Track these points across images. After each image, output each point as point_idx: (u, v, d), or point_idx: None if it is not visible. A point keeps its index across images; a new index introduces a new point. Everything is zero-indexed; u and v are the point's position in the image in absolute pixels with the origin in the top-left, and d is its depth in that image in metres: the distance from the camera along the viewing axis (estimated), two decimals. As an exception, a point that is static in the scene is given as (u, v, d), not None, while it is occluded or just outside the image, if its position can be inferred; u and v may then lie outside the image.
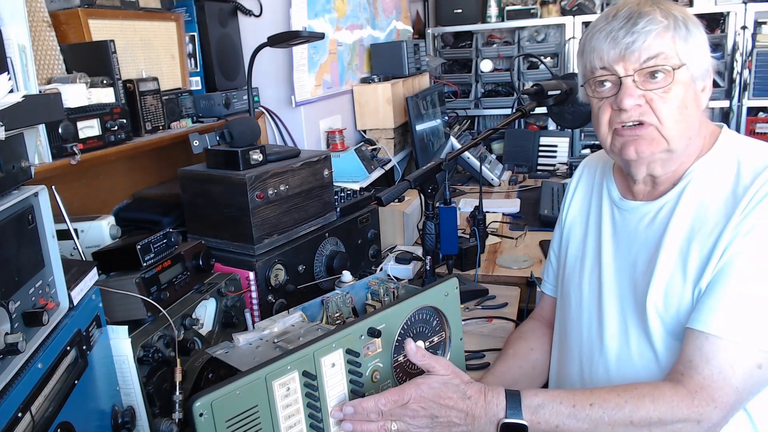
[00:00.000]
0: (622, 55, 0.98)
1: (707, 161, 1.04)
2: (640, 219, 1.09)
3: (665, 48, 0.96)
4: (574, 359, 1.14)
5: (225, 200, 1.39)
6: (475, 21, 3.74)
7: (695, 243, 0.99)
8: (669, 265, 1.01)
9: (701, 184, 1.03)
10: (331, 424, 0.91)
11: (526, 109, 1.65)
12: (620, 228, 1.12)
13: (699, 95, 1.01)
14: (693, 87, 1.00)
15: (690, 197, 1.03)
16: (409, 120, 2.57)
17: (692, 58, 0.98)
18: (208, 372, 1.08)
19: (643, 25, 0.96)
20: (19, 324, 0.72)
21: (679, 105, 0.98)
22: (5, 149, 0.75)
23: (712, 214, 0.99)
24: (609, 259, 1.12)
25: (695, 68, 0.99)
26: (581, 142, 3.64)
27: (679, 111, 0.98)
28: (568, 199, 1.28)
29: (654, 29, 0.96)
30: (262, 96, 2.04)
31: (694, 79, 0.99)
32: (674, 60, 0.97)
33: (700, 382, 0.91)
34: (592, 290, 1.14)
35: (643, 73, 0.98)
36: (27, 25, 1.05)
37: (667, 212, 1.05)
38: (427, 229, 1.57)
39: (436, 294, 1.04)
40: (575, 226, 1.24)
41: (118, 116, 1.32)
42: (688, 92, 0.99)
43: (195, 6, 1.80)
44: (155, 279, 1.08)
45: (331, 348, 0.90)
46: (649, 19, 0.96)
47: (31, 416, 0.69)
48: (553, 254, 1.31)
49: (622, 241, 1.11)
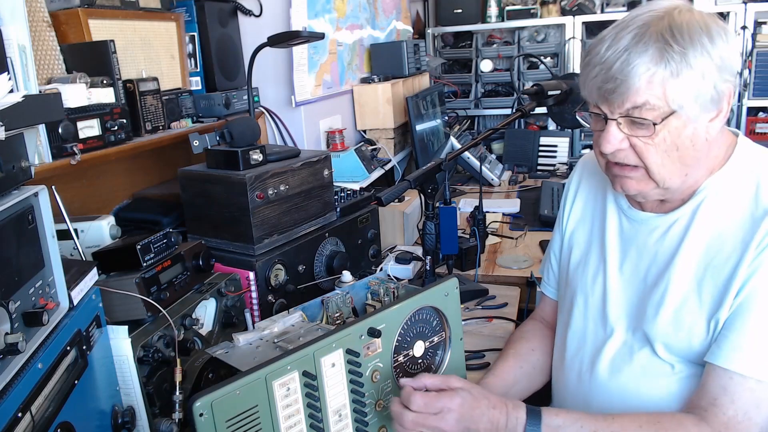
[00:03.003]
0: (605, 99, 0.92)
1: (723, 176, 0.98)
2: (650, 231, 1.05)
3: (652, 96, 0.88)
4: (574, 365, 1.13)
5: (225, 200, 1.39)
6: (475, 21, 3.74)
7: (711, 268, 0.95)
8: (682, 287, 0.98)
9: (717, 201, 0.98)
10: (331, 424, 0.91)
11: (526, 109, 1.65)
12: (628, 237, 1.09)
13: (700, 131, 0.92)
14: (691, 126, 0.91)
15: (705, 215, 0.98)
16: (409, 120, 2.57)
17: (690, 99, 0.89)
18: (208, 372, 1.08)
19: (629, 70, 0.88)
20: (19, 324, 0.72)
21: (667, 149, 0.92)
22: (5, 149, 0.75)
23: (729, 238, 0.95)
24: (615, 268, 1.09)
25: (694, 108, 0.89)
26: (581, 142, 3.64)
27: (668, 155, 0.92)
28: (569, 202, 1.23)
29: (642, 75, 0.87)
30: (262, 96, 2.04)
31: (692, 118, 0.90)
32: (662, 108, 0.89)
33: (724, 422, 0.89)
34: (597, 298, 1.11)
35: (627, 119, 0.92)
36: (27, 25, 1.05)
37: (680, 229, 1.01)
38: (427, 229, 1.57)
39: (436, 294, 1.04)
40: (578, 230, 1.20)
41: (118, 116, 1.32)
42: (682, 134, 0.91)
43: (195, 6, 1.80)
44: (155, 279, 1.08)
45: (331, 348, 0.90)
46: (639, 62, 0.87)
47: (31, 416, 0.69)
48: (553, 257, 1.28)
49: (630, 252, 1.08)
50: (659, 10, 0.91)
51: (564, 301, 1.21)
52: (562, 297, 1.22)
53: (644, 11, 0.92)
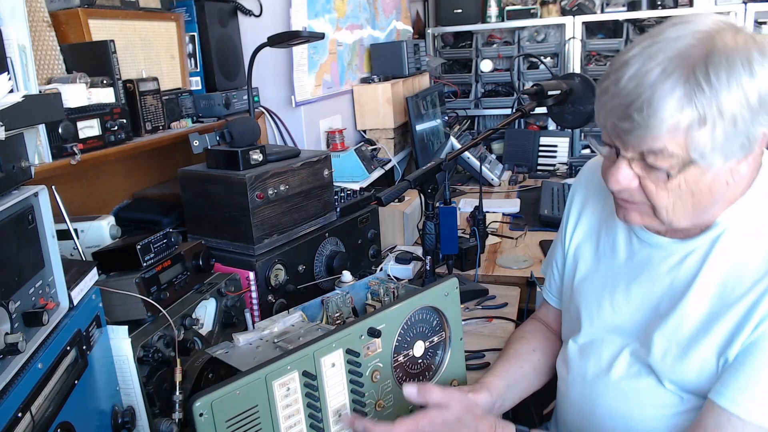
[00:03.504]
0: (618, 137, 0.84)
1: (745, 207, 0.90)
2: (664, 258, 0.98)
3: (671, 144, 0.79)
4: (577, 383, 1.09)
5: (225, 200, 1.39)
6: (475, 21, 3.74)
7: (727, 303, 0.89)
8: (695, 321, 0.92)
9: (739, 233, 0.90)
10: (331, 424, 0.91)
11: (526, 109, 1.65)
12: (640, 260, 1.02)
13: (724, 175, 0.83)
14: (711, 173, 0.82)
15: (724, 250, 0.91)
16: (409, 120, 2.57)
17: (715, 149, 0.79)
18: (208, 372, 1.08)
19: (651, 113, 0.78)
20: (19, 324, 0.72)
21: (681, 195, 0.84)
22: (5, 149, 0.75)
23: (749, 274, 0.88)
24: (623, 290, 1.03)
25: (717, 159, 0.80)
26: (581, 142, 3.64)
27: (680, 200, 0.85)
28: (575, 213, 1.16)
29: (662, 122, 0.77)
30: (262, 96, 2.04)
31: (714, 166, 0.81)
32: (681, 156, 0.80)
33: None
34: (604, 319, 1.06)
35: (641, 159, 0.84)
36: (27, 25, 1.05)
37: (697, 259, 0.93)
38: (427, 229, 1.57)
39: (436, 294, 1.04)
40: (585, 244, 1.13)
41: (118, 116, 1.32)
42: (700, 182, 0.83)
43: (195, 6, 1.80)
44: (155, 279, 1.08)
45: (331, 348, 0.90)
46: (661, 107, 0.77)
47: (31, 416, 0.69)
48: (555, 267, 1.23)
49: (641, 277, 1.01)
50: (699, 33, 0.80)
51: (569, 313, 1.17)
52: (567, 309, 1.18)
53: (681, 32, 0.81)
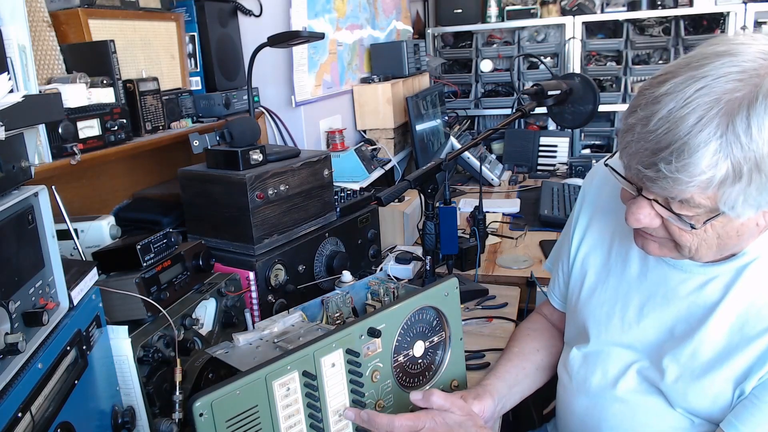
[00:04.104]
0: (641, 180, 0.79)
1: None
2: (683, 280, 0.94)
3: (699, 196, 0.74)
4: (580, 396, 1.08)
5: (225, 200, 1.39)
6: (475, 21, 3.74)
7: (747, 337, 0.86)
8: (713, 350, 0.89)
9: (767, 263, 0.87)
10: (331, 424, 0.91)
11: (526, 109, 1.65)
12: (655, 278, 0.98)
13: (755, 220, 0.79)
14: (740, 221, 0.78)
15: (752, 278, 0.87)
16: (409, 120, 2.57)
17: (747, 205, 0.74)
18: (208, 372, 1.08)
19: (680, 166, 0.71)
20: (19, 324, 0.72)
21: (707, 238, 0.81)
22: (5, 149, 0.75)
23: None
24: (636, 308, 1.00)
25: (748, 212, 0.75)
26: (581, 142, 3.64)
27: (705, 242, 0.82)
28: (583, 219, 1.13)
29: (692, 177, 0.71)
30: (262, 96, 2.04)
31: (742, 216, 0.76)
32: (709, 207, 0.75)
33: None
34: (613, 334, 1.03)
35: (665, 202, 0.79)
36: (27, 25, 1.05)
37: (721, 286, 0.90)
38: (427, 229, 1.57)
39: (436, 294, 1.04)
40: (593, 254, 1.10)
41: (118, 116, 1.32)
42: (727, 227, 0.79)
43: (195, 6, 1.80)
44: (155, 279, 1.08)
45: (331, 348, 0.90)
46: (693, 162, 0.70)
47: (31, 416, 0.69)
48: (561, 271, 1.20)
49: (656, 296, 0.97)
50: (744, 73, 0.71)
51: (575, 321, 1.14)
52: (572, 316, 1.15)
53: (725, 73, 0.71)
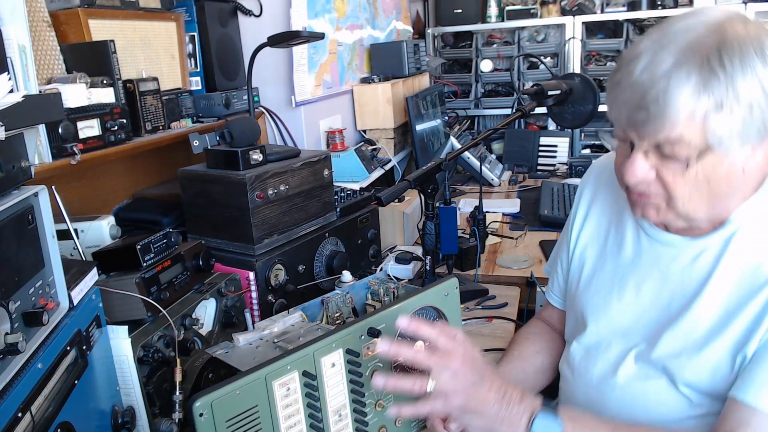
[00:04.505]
0: (634, 127, 0.84)
1: (759, 202, 0.90)
2: (675, 256, 0.97)
3: (689, 131, 0.79)
4: (582, 385, 1.08)
5: (225, 200, 1.39)
6: (475, 21, 3.74)
7: (743, 302, 0.88)
8: (710, 321, 0.91)
9: (752, 232, 0.90)
10: (331, 424, 0.91)
11: (526, 109, 1.65)
12: (647, 258, 1.01)
13: (740, 161, 0.83)
14: (728, 160, 0.83)
15: (739, 247, 0.90)
16: (409, 120, 2.57)
17: (732, 135, 0.79)
18: (208, 372, 1.08)
19: (667, 101, 0.78)
20: (19, 324, 0.72)
21: (698, 183, 0.84)
22: (5, 149, 0.75)
23: (764, 271, 0.88)
24: (633, 290, 1.02)
25: (734, 144, 0.80)
26: (581, 142, 3.64)
27: (697, 189, 0.85)
28: (581, 213, 1.15)
29: (679, 109, 0.78)
30: (262, 96, 2.04)
31: (731, 152, 0.82)
32: (698, 144, 0.80)
33: None
34: (610, 320, 1.05)
35: (657, 151, 0.84)
36: (27, 25, 1.05)
37: (711, 258, 0.93)
38: (427, 229, 1.57)
39: (436, 294, 1.04)
40: (591, 245, 1.12)
41: (118, 116, 1.32)
42: (717, 170, 0.83)
43: (195, 6, 1.80)
44: (155, 279, 1.08)
45: (331, 348, 0.90)
46: (677, 94, 0.78)
47: (31, 416, 0.69)
48: (560, 267, 1.21)
49: (648, 274, 1.01)
50: (709, 23, 0.81)
51: (574, 314, 1.15)
52: (571, 309, 1.16)
53: (691, 23, 0.82)
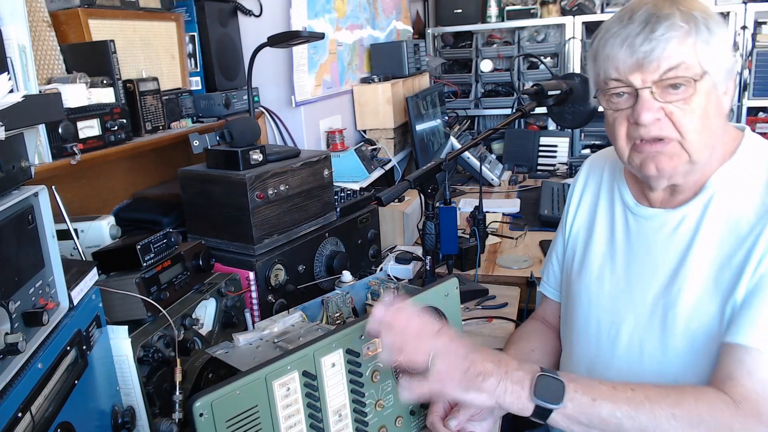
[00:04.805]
0: (639, 65, 0.91)
1: (732, 169, 0.99)
2: (658, 228, 1.04)
3: (686, 57, 0.90)
4: (579, 366, 1.11)
5: (225, 200, 1.39)
6: (475, 21, 3.74)
7: (727, 259, 0.95)
8: (699, 284, 0.97)
9: (728, 196, 0.98)
10: (331, 424, 0.91)
11: (526, 109, 1.65)
12: (635, 235, 1.08)
13: (721, 100, 0.95)
14: (715, 93, 0.94)
15: (717, 211, 0.98)
16: (409, 120, 2.57)
17: (715, 63, 0.91)
18: (208, 372, 1.08)
19: (663, 31, 0.89)
20: (19, 324, 0.72)
21: (701, 115, 0.92)
22: (5, 149, 0.75)
23: (744, 226, 0.94)
24: (621, 266, 1.08)
25: (717, 73, 0.92)
26: (581, 142, 3.64)
27: (701, 121, 0.93)
28: (574, 203, 1.22)
29: (674, 36, 0.89)
30: (262, 96, 2.04)
31: (716, 85, 0.93)
32: (696, 69, 0.90)
33: (743, 393, 0.87)
34: (601, 298, 1.10)
35: (662, 85, 0.92)
36: (27, 25, 1.05)
37: (691, 225, 1.00)
38: (427, 229, 1.57)
39: (436, 294, 1.04)
40: (583, 230, 1.19)
41: (118, 116, 1.32)
42: (710, 100, 0.93)
43: (195, 6, 1.80)
44: (155, 279, 1.08)
45: (331, 348, 0.90)
46: (669, 24, 0.89)
47: (31, 416, 0.69)
48: (555, 258, 1.27)
49: (636, 250, 1.07)
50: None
51: (568, 302, 1.19)
52: (567, 298, 1.20)
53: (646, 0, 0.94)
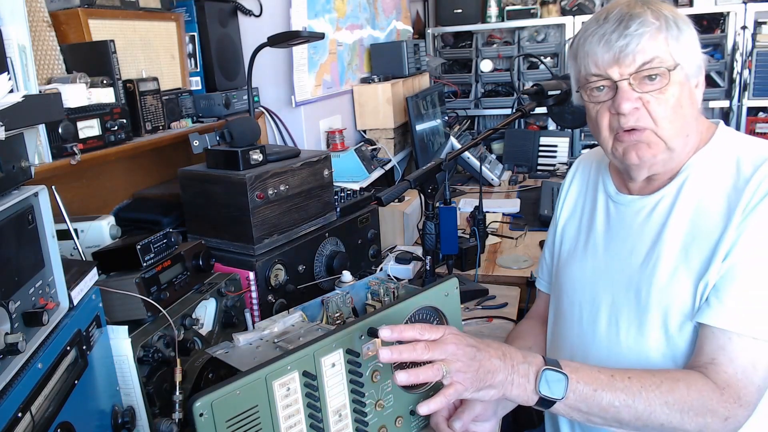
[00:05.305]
0: (616, 59, 0.98)
1: (705, 156, 1.05)
2: (636, 213, 1.10)
3: (659, 50, 0.97)
4: (563, 349, 1.16)
5: (225, 200, 1.39)
6: (475, 21, 3.74)
7: (697, 237, 1.00)
8: (671, 260, 1.02)
9: (700, 178, 1.04)
10: (331, 424, 0.91)
11: (526, 109, 1.65)
12: (614, 221, 1.13)
13: (693, 92, 1.02)
14: (687, 85, 1.00)
15: (690, 192, 1.04)
16: (409, 120, 2.57)
17: (685, 57, 0.99)
18: (208, 372, 1.08)
19: (636, 27, 0.96)
20: (19, 324, 0.72)
21: (674, 104, 0.99)
22: (5, 149, 0.75)
23: (714, 209, 1.00)
24: (601, 250, 1.13)
25: (689, 67, 0.99)
26: (581, 142, 3.64)
27: (674, 111, 0.99)
28: (563, 197, 1.29)
29: (647, 31, 0.96)
30: (262, 96, 2.04)
31: (688, 77, 1.00)
32: (669, 61, 0.97)
33: (725, 379, 0.92)
34: (583, 283, 1.14)
35: (638, 77, 0.98)
36: (27, 25, 1.05)
37: (665, 207, 1.06)
38: (427, 229, 1.57)
39: (436, 294, 1.04)
40: (570, 222, 1.24)
41: (118, 116, 1.32)
42: (683, 91, 1.00)
43: (195, 6, 1.80)
44: (155, 279, 1.08)
45: (331, 348, 0.90)
46: (641, 21, 0.96)
47: (31, 416, 0.69)
48: (547, 251, 1.32)
49: (615, 234, 1.12)
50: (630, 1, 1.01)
51: (555, 290, 1.24)
52: (554, 287, 1.25)
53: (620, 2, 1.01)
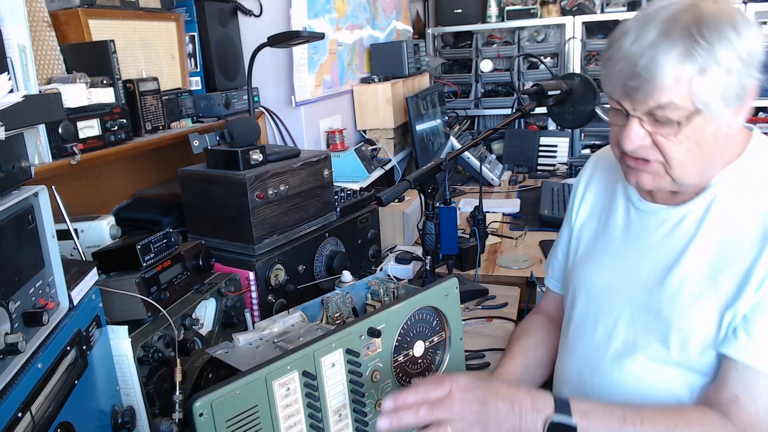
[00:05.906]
0: (628, 96, 0.91)
1: (737, 169, 0.97)
2: (660, 224, 1.04)
3: (677, 96, 0.87)
4: (574, 358, 1.12)
5: (225, 200, 1.39)
6: (475, 21, 3.74)
7: (728, 262, 0.93)
8: (696, 282, 0.96)
9: (732, 195, 0.96)
10: (331, 424, 0.91)
11: (526, 109, 1.65)
12: (635, 229, 1.08)
13: (720, 130, 0.91)
14: (714, 123, 0.90)
15: (720, 209, 0.97)
16: (409, 120, 2.57)
17: (716, 97, 0.87)
18: (208, 372, 1.08)
19: (655, 68, 0.86)
20: (19, 324, 0.72)
21: (690, 147, 0.91)
22: (5, 149, 0.75)
23: (747, 231, 0.93)
24: (621, 259, 1.08)
25: (718, 106, 0.88)
26: (581, 142, 3.64)
27: (689, 153, 0.91)
28: (579, 196, 1.23)
29: (666, 74, 0.86)
30: (262, 96, 2.04)
31: (716, 115, 0.89)
32: (687, 107, 0.87)
33: (747, 419, 0.88)
34: (600, 289, 1.10)
35: (651, 116, 0.90)
36: (27, 25, 1.05)
37: (693, 222, 0.99)
38: (427, 229, 1.57)
39: (436, 294, 1.04)
40: (587, 224, 1.19)
41: (118, 116, 1.32)
42: (705, 131, 0.90)
43: (195, 6, 1.80)
44: (155, 279, 1.08)
45: (331, 348, 0.90)
46: (664, 61, 0.85)
47: (31, 416, 0.69)
48: (560, 250, 1.27)
49: (635, 242, 1.07)
50: (683, 3, 0.89)
51: (568, 293, 1.20)
52: (569, 290, 1.20)
53: (667, 4, 0.90)
